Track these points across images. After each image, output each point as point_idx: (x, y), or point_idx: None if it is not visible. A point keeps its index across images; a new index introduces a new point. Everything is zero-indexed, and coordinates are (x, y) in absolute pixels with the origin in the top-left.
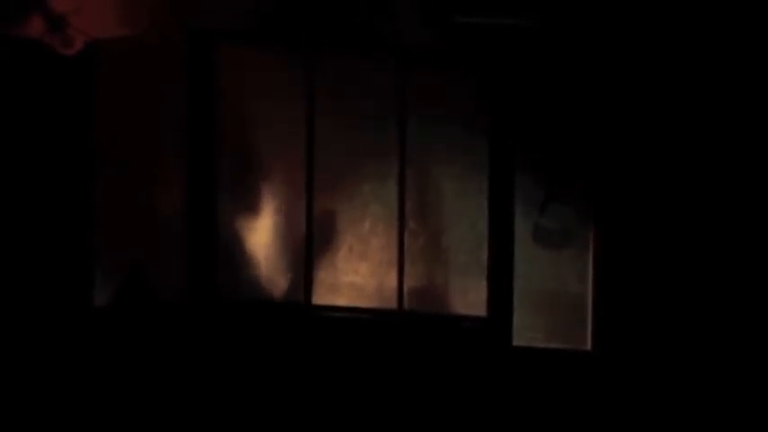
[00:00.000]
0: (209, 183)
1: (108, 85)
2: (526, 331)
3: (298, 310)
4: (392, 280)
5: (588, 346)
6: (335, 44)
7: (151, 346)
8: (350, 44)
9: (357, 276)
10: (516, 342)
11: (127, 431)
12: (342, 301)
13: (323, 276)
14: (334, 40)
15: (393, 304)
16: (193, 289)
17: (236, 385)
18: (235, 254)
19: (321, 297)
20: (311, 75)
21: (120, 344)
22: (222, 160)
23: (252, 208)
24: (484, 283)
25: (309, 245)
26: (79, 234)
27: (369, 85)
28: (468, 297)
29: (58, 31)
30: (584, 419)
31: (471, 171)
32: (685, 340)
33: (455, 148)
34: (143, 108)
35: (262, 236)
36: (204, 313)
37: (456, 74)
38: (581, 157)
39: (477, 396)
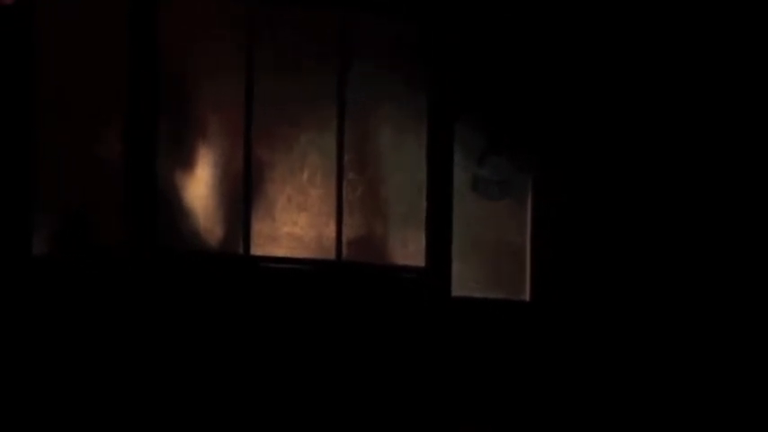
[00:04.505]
0: (148, 133)
1: (49, 33)
2: (465, 281)
3: (237, 260)
4: (331, 231)
5: (527, 297)
6: None
7: (91, 294)
8: None
9: (296, 227)
10: (455, 292)
11: (68, 380)
12: (281, 251)
13: (262, 227)
14: None
15: (332, 255)
16: (133, 239)
17: (175, 333)
18: (174, 205)
19: (260, 248)
20: (251, 26)
21: (59, 292)
22: (162, 111)
23: (191, 159)
24: (423, 234)
25: (248, 196)
26: (18, 183)
27: (309, 36)
28: (407, 247)
29: None
30: (521, 367)
31: (410, 122)
32: (622, 290)
33: (394, 99)
34: (84, 57)
35: (201, 187)
36: (144, 263)
37: (396, 25)
38: (521, 109)
39: (416, 346)
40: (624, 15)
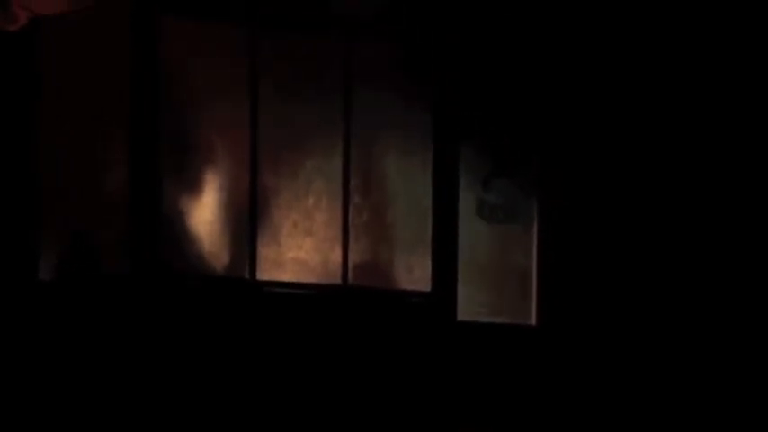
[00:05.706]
0: (152, 157)
1: (53, 57)
2: (471, 306)
3: (243, 285)
4: (337, 255)
5: (533, 321)
6: (279, 18)
7: (96, 318)
8: (294, 17)
9: (301, 252)
10: (461, 317)
11: (73, 403)
12: (286, 276)
13: (267, 252)
14: (278, 13)
15: (337, 279)
16: (137, 263)
17: (181, 358)
18: (179, 229)
19: (266, 272)
20: (255, 49)
21: (66, 316)
22: (166, 135)
23: (196, 183)
24: (428, 258)
25: (254, 220)
26: (24, 208)
27: (313, 61)
28: (413, 272)
29: (2, 7)
30: (528, 392)
31: (416, 146)
32: (630, 313)
33: (399, 125)
34: (88, 79)
35: (206, 211)
36: (148, 287)
37: (400, 49)
38: (525, 133)
39: (421, 370)
40: (632, 31)
